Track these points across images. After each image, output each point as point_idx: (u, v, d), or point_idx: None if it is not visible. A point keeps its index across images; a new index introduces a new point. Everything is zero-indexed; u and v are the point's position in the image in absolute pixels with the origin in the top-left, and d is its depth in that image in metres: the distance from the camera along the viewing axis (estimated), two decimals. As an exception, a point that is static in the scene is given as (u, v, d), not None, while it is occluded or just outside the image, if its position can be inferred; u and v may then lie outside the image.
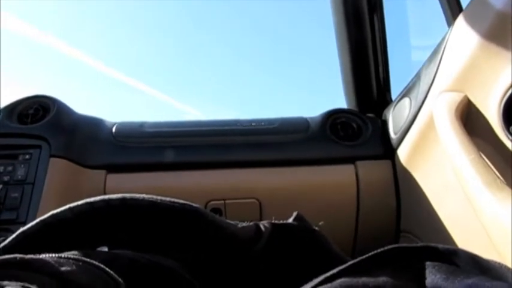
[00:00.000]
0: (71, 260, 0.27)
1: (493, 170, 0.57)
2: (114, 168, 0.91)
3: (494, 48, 0.62)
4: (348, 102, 1.18)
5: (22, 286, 0.23)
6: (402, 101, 0.92)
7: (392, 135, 0.95)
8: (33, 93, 0.97)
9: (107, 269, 0.28)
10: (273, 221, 0.39)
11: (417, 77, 0.86)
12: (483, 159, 0.59)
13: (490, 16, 0.63)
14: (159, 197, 0.36)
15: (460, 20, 0.71)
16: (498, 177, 0.56)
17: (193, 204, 0.36)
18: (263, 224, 0.39)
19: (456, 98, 0.68)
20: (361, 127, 1.00)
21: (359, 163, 0.94)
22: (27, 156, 0.86)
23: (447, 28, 0.77)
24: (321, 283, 0.28)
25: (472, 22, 0.67)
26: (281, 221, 0.40)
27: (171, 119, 1.02)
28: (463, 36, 0.68)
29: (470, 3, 0.70)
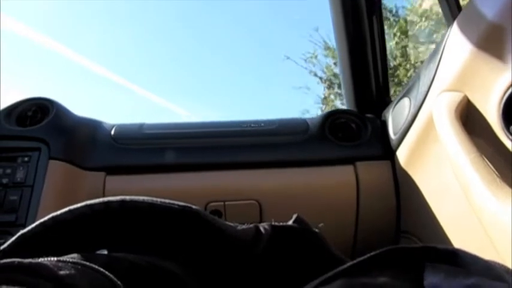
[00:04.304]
0: (70, 264, 0.27)
1: (492, 170, 0.57)
2: (113, 170, 0.91)
3: (493, 48, 0.62)
4: (347, 103, 1.18)
5: None
6: (402, 101, 0.92)
7: (391, 135, 0.95)
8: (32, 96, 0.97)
9: (107, 272, 0.28)
10: (272, 223, 0.39)
11: (417, 77, 0.86)
12: (483, 158, 0.59)
13: (487, 18, 0.63)
14: (158, 199, 0.36)
15: (459, 20, 0.71)
16: (498, 177, 0.56)
17: (193, 207, 0.36)
18: (263, 226, 0.39)
19: (456, 98, 0.68)
20: (361, 128, 1.00)
21: (358, 164, 0.94)
22: (26, 159, 0.86)
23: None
24: (320, 284, 0.28)
25: (470, 22, 0.68)
26: (281, 223, 0.40)
27: (161, 119, 1.02)
28: (462, 36, 0.68)
29: (468, 4, 0.70)
